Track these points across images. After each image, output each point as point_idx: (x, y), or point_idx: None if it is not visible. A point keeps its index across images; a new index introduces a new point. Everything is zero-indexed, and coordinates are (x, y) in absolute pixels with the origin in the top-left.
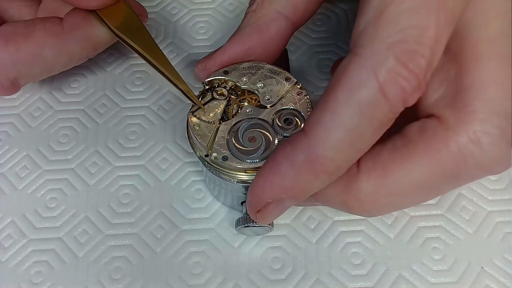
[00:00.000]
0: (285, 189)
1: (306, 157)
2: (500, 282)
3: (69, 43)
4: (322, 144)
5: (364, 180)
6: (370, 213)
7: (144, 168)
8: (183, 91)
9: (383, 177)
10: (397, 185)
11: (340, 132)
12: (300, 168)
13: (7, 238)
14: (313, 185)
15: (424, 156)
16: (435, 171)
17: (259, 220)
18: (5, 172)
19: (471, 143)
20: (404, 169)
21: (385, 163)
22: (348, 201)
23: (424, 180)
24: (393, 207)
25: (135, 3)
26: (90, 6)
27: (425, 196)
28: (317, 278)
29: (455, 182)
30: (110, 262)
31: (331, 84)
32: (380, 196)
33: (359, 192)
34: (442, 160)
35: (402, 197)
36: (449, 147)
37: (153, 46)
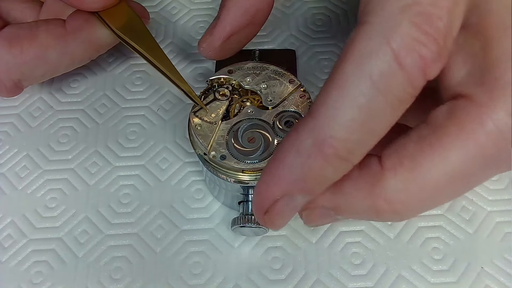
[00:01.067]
0: (293, 181)
1: (313, 140)
2: (500, 282)
3: (72, 45)
4: (330, 124)
5: (391, 176)
6: (402, 215)
7: (144, 168)
8: (185, 92)
9: (412, 171)
10: (430, 177)
11: (350, 109)
12: (308, 154)
13: (7, 238)
14: (325, 172)
15: (457, 140)
16: (472, 155)
17: (268, 224)
18: (5, 172)
19: (510, 118)
20: (436, 158)
21: (413, 154)
22: (377, 205)
23: (460, 168)
24: (428, 204)
25: (137, 5)
26: (91, 8)
27: (463, 187)
28: (317, 278)
29: (495, 166)
30: (110, 262)
31: (339, 60)
32: (412, 193)
33: (388, 192)
34: (478, 142)
35: (437, 191)
36: (485, 125)
37: (155, 47)
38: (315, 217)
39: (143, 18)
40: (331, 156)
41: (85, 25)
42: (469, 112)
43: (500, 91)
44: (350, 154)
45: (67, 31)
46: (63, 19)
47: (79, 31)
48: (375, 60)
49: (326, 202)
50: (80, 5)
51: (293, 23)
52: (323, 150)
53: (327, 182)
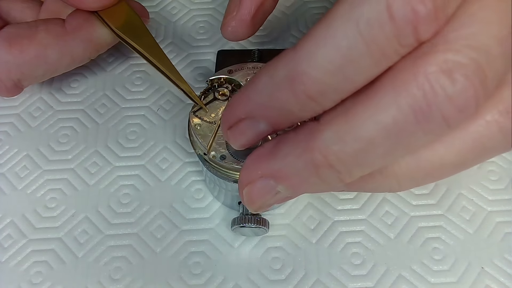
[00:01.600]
0: (259, 105)
1: (287, 71)
2: (500, 282)
3: (72, 45)
4: (307, 60)
5: (326, 129)
6: (341, 171)
7: (144, 168)
8: (185, 92)
9: (347, 122)
10: (364, 128)
11: (330, 50)
12: (279, 83)
13: (7, 238)
14: (291, 107)
15: (391, 90)
16: (404, 105)
17: (231, 140)
18: (5, 172)
19: (441, 73)
20: (369, 108)
21: (349, 107)
22: (313, 158)
23: (392, 118)
24: (364, 159)
25: (136, 4)
26: (91, 7)
27: (398, 142)
28: (317, 278)
29: (426, 122)
30: (110, 262)
31: (335, 3)
32: (346, 144)
33: (322, 142)
34: (410, 93)
35: (371, 143)
36: (417, 78)
37: (154, 47)
38: (255, 193)
39: (143, 17)
40: (300, 92)
41: (85, 25)
42: (405, 64)
43: (440, 46)
44: (320, 96)
45: (67, 31)
46: (63, 19)
47: (79, 30)
48: (367, 5)
49: (263, 170)
50: (79, 4)
51: (293, 23)
52: (294, 85)
53: (291, 118)
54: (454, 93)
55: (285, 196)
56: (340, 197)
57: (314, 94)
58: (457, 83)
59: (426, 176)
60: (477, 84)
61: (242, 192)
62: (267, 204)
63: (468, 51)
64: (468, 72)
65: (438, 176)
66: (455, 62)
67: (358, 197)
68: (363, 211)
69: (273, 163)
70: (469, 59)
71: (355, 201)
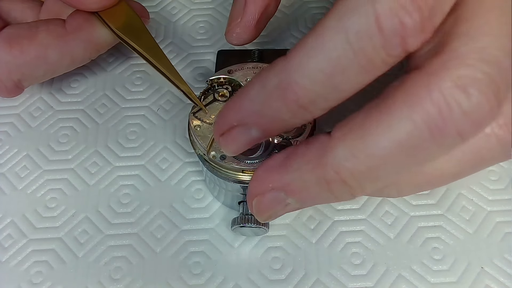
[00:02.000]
0: (251, 112)
1: (279, 81)
2: (500, 282)
3: (72, 45)
4: (298, 70)
5: (339, 145)
6: (353, 187)
7: (144, 168)
8: (185, 93)
9: (360, 138)
10: (378, 144)
11: (320, 60)
12: (271, 92)
13: (7, 238)
14: (283, 115)
15: (404, 106)
16: (419, 122)
17: (222, 145)
18: (5, 172)
19: (456, 88)
20: (382, 124)
21: (361, 123)
22: (325, 175)
23: (408, 135)
24: (378, 174)
25: (137, 4)
26: (91, 8)
27: (411, 157)
28: (317, 278)
29: (441, 137)
30: (110, 262)
31: (326, 13)
32: (360, 160)
33: (335, 159)
34: (424, 109)
35: (385, 159)
36: (431, 93)
37: (154, 48)
38: (265, 204)
39: (143, 17)
40: (291, 102)
41: (85, 25)
42: (418, 79)
43: (452, 61)
44: (311, 105)
45: (67, 31)
46: (63, 19)
47: (79, 31)
48: (356, 17)
49: (274, 182)
50: (79, 5)
51: (293, 23)
52: (285, 94)
53: (282, 125)
54: (469, 108)
55: (295, 207)
56: None
57: (305, 103)
58: (472, 98)
59: (425, 184)
60: (491, 97)
61: (252, 203)
62: (276, 215)
63: (481, 65)
64: (482, 86)
65: (437, 184)
66: (469, 77)
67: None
68: (363, 211)
69: (284, 176)
70: (483, 73)
71: (355, 201)
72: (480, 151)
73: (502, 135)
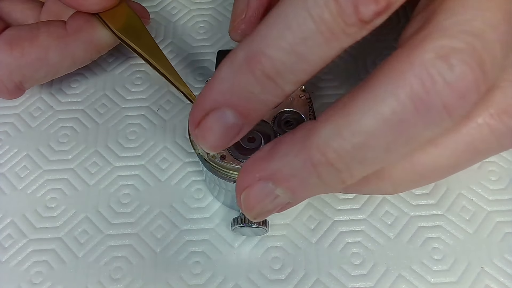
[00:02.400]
0: (222, 92)
1: (245, 53)
2: (500, 282)
3: (73, 46)
4: (263, 40)
5: (324, 126)
6: (341, 171)
7: (144, 168)
8: (185, 94)
9: (344, 117)
10: (362, 121)
11: (283, 29)
12: (239, 66)
13: (7, 238)
14: (253, 89)
15: (387, 81)
16: (403, 96)
17: (200, 139)
18: (5, 172)
19: (437, 59)
20: (366, 100)
21: (346, 103)
22: (311, 157)
23: (391, 110)
24: (363, 153)
25: (137, 5)
26: (91, 9)
27: (398, 135)
28: (317, 278)
29: (427, 111)
30: (110, 262)
31: None
32: (345, 139)
33: (320, 139)
34: (407, 83)
35: (370, 136)
36: (413, 66)
37: (154, 49)
38: (253, 197)
39: (143, 18)
40: (258, 72)
41: (86, 26)
42: (400, 55)
43: (434, 33)
44: (277, 75)
45: (68, 33)
46: (64, 21)
47: (80, 32)
48: None
49: (261, 172)
50: (79, 6)
51: None
52: (251, 64)
53: (255, 101)
54: (453, 78)
55: (285, 201)
56: (340, 197)
57: (271, 73)
58: (455, 68)
59: (420, 178)
60: (475, 68)
61: (240, 198)
62: (266, 210)
63: (464, 36)
64: (465, 56)
65: (433, 178)
66: (451, 47)
67: (358, 197)
68: (363, 211)
69: (271, 164)
70: (465, 44)
71: (355, 201)
72: (473, 142)
73: (494, 124)
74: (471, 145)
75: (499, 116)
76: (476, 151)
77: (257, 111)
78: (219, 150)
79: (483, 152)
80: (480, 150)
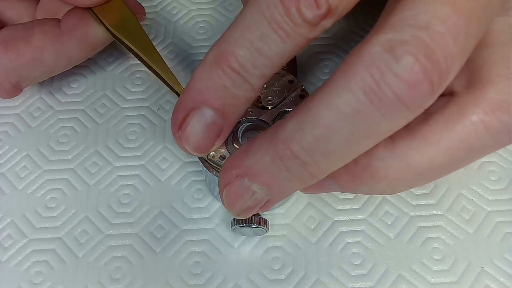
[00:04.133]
0: (199, 91)
1: (215, 53)
2: (500, 282)
3: (68, 45)
4: (227, 40)
5: (288, 122)
6: (308, 164)
7: (144, 168)
8: (179, 93)
9: (305, 112)
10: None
11: (242, 29)
12: (210, 64)
13: (7, 238)
14: (224, 83)
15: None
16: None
17: (184, 141)
18: (5, 172)
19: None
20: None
21: (308, 99)
22: (278, 151)
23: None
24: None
25: (132, 1)
26: (85, 4)
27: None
28: (317, 278)
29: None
30: (110, 262)
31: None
32: (306, 131)
33: (285, 135)
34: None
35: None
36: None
37: (149, 47)
38: (233, 193)
39: (138, 14)
40: (225, 67)
41: (80, 24)
42: (353, 51)
43: (382, 29)
44: (243, 70)
45: (62, 31)
46: (58, 19)
47: (74, 30)
48: None
49: (237, 168)
50: (74, 1)
51: None
52: (220, 61)
53: (228, 96)
54: (399, 69)
55: (263, 197)
56: (340, 197)
57: (237, 68)
58: (401, 59)
59: (417, 178)
60: (422, 58)
61: (222, 196)
62: (246, 207)
63: (409, 29)
64: (410, 47)
65: (430, 178)
66: (396, 40)
67: (358, 197)
68: (363, 211)
69: (244, 160)
70: (410, 36)
71: (355, 201)
72: (468, 140)
73: (489, 121)
74: (466, 143)
75: (493, 112)
76: (472, 149)
77: (232, 106)
78: (203, 151)
79: (479, 150)
80: (475, 147)
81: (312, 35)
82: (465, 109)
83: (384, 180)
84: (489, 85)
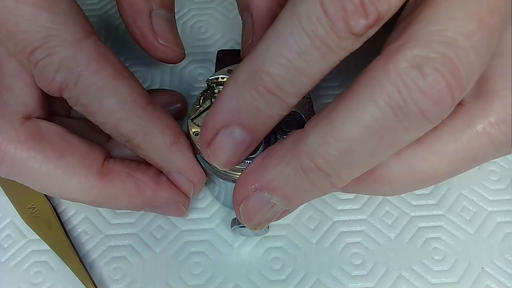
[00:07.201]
0: (229, 111)
1: (247, 72)
2: (500, 282)
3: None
4: (262, 58)
5: (310, 134)
6: (331, 176)
7: None
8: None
9: (328, 124)
10: (345, 128)
11: (279, 46)
12: (242, 83)
13: (7, 238)
14: (258, 104)
15: (366, 89)
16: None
17: (212, 158)
18: None
19: (411, 68)
20: (348, 108)
21: (330, 111)
22: (301, 164)
23: (371, 117)
24: (349, 158)
25: (175, 93)
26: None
27: (381, 139)
28: (317, 278)
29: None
30: (110, 262)
31: None
32: (331, 145)
33: (308, 148)
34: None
35: (354, 142)
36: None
37: (63, 243)
38: (251, 207)
39: (177, 104)
40: (260, 88)
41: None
42: (377, 63)
43: (408, 44)
44: (279, 90)
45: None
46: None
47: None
48: (305, 4)
49: (256, 183)
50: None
51: None
52: (254, 81)
53: (261, 117)
54: (426, 86)
55: (282, 208)
56: (340, 197)
57: (273, 88)
58: (428, 77)
59: (419, 183)
60: (448, 76)
61: (239, 210)
62: (264, 219)
63: (436, 46)
64: (437, 65)
65: (431, 183)
66: (423, 57)
67: (358, 197)
68: (363, 211)
69: (264, 174)
70: (437, 53)
71: (355, 201)
72: (472, 150)
73: (494, 133)
74: (470, 153)
75: (499, 125)
76: (475, 159)
77: (263, 125)
78: (231, 166)
79: (481, 159)
80: (478, 157)
81: (356, 46)
82: (472, 121)
83: (388, 184)
84: (496, 98)
